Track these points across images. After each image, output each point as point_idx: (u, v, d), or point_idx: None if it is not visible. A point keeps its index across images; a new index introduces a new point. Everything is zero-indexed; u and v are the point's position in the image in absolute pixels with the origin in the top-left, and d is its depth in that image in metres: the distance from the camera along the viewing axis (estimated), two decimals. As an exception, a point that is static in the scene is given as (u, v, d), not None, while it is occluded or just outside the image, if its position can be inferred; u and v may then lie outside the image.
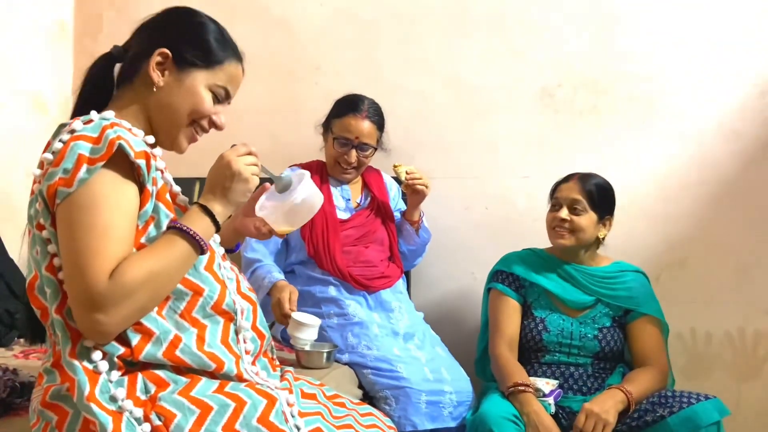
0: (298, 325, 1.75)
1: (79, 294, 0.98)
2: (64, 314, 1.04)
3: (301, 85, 2.53)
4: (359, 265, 2.04)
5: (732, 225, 2.25)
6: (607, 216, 1.95)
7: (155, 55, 1.14)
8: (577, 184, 1.93)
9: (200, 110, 1.17)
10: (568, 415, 1.80)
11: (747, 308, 2.24)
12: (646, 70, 2.30)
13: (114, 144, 1.02)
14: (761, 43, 2.23)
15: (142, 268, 1.00)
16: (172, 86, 1.15)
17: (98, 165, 1.00)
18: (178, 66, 1.16)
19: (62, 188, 1.00)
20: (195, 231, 1.08)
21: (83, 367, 1.02)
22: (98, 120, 1.06)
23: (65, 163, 1.00)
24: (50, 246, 1.04)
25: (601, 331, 1.89)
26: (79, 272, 0.98)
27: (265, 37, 2.55)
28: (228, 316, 1.15)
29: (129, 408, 1.01)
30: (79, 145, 1.01)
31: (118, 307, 0.98)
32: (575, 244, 1.92)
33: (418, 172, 2.07)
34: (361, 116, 2.07)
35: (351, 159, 2.08)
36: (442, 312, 2.39)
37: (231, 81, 1.21)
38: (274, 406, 1.07)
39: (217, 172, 1.16)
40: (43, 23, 2.58)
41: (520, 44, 2.38)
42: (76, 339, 1.03)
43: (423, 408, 1.77)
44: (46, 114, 2.56)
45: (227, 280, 1.18)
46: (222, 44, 1.19)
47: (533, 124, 2.38)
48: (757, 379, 2.24)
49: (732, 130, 2.26)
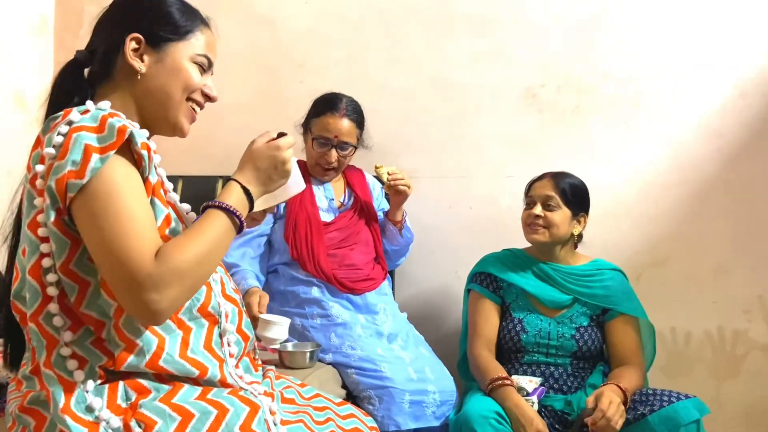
0: (266, 324, 1.75)
1: (125, 279, 0.95)
2: (39, 321, 1.02)
3: (285, 83, 2.51)
4: (344, 269, 2.04)
5: (712, 225, 2.28)
6: (581, 213, 1.97)
7: (128, 42, 1.12)
8: (550, 182, 1.96)
9: (190, 84, 1.16)
10: (550, 414, 1.81)
11: (726, 308, 2.28)
12: (628, 70, 2.32)
13: (125, 132, 1.00)
14: (741, 44, 2.26)
15: (191, 249, 1.00)
16: (155, 68, 1.13)
17: (110, 153, 0.98)
18: (154, 46, 1.14)
19: (73, 180, 0.96)
20: (235, 208, 1.08)
21: (59, 378, 1.00)
22: (95, 110, 1.04)
23: (72, 155, 0.97)
24: (43, 245, 1.01)
25: (578, 330, 1.91)
26: (118, 259, 0.95)
27: (249, 34, 2.53)
28: (213, 319, 1.14)
29: (106, 418, 1.00)
30: (83, 136, 0.98)
31: (171, 288, 0.96)
32: (549, 239, 1.95)
33: (400, 172, 2.06)
34: (339, 115, 2.05)
35: (331, 159, 2.07)
36: (425, 311, 2.40)
37: (208, 47, 1.19)
38: (257, 414, 1.07)
39: (267, 157, 1.16)
40: (23, 19, 2.54)
41: (505, 44, 2.39)
42: (51, 347, 1.02)
43: (406, 407, 1.78)
44: (26, 111, 2.53)
45: (212, 282, 1.17)
46: (187, 13, 1.18)
47: (517, 123, 2.38)
48: (737, 377, 2.27)
49: (713, 130, 2.28)
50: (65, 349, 1.02)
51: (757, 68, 2.25)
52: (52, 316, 1.02)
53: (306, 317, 1.98)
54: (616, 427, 1.62)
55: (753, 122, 2.26)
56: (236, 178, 1.13)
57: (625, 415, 1.65)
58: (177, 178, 2.39)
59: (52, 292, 1.02)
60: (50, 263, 1.01)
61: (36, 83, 2.57)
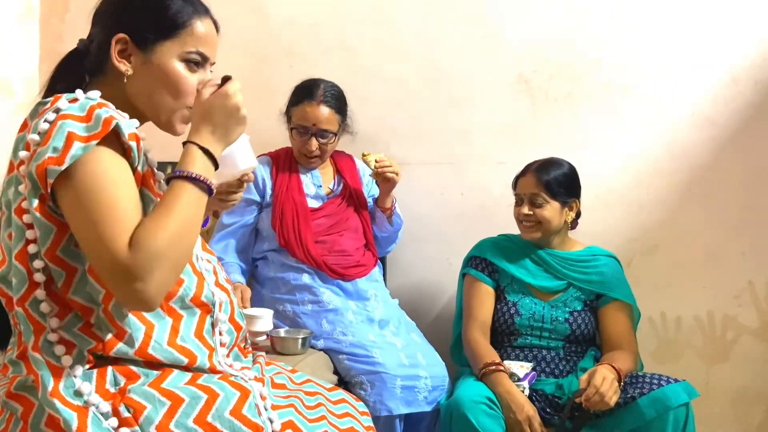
0: (250, 319, 1.76)
1: (109, 269, 0.94)
2: (26, 306, 1.00)
3: (274, 69, 2.49)
4: (334, 255, 2.03)
5: (702, 212, 2.29)
6: (571, 200, 1.96)
7: (113, 43, 1.08)
8: (533, 177, 1.94)
9: (181, 90, 1.10)
10: (541, 398, 1.82)
11: (716, 293, 2.29)
12: (620, 57, 2.31)
13: (110, 123, 0.98)
14: (733, 31, 2.26)
15: (162, 228, 0.96)
16: (143, 70, 1.09)
17: (93, 143, 0.96)
18: (141, 47, 1.08)
19: (52, 167, 0.95)
20: (198, 173, 1.02)
21: (47, 362, 0.99)
22: (84, 99, 1.02)
23: (54, 141, 0.96)
24: (29, 232, 1.00)
25: (572, 314, 1.92)
26: (100, 250, 0.94)
27: (237, 20, 2.49)
28: (206, 308, 1.13)
29: (95, 402, 0.99)
30: (67, 123, 0.97)
31: (153, 273, 0.93)
32: (543, 235, 1.96)
33: (388, 159, 2.04)
34: (316, 102, 2.02)
35: (312, 147, 2.04)
36: (417, 298, 2.39)
37: (203, 42, 1.12)
38: (247, 398, 1.06)
39: (218, 108, 1.08)
40: (9, 5, 2.50)
41: (496, 31, 2.37)
42: (38, 332, 1.01)
43: (398, 393, 1.79)
44: (12, 97, 2.50)
45: (205, 272, 1.16)
46: (180, 4, 1.10)
47: (508, 110, 2.37)
48: (726, 362, 2.29)
49: (704, 117, 2.28)
50: (52, 335, 1.01)
51: (749, 55, 2.25)
52: (39, 302, 1.01)
53: (297, 303, 1.97)
54: (609, 403, 1.63)
55: (745, 110, 2.26)
56: (193, 140, 1.07)
57: (619, 392, 1.66)
58: (167, 164, 2.37)
59: (39, 278, 1.01)
60: (36, 249, 1.00)
61: (22, 70, 2.54)
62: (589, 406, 1.64)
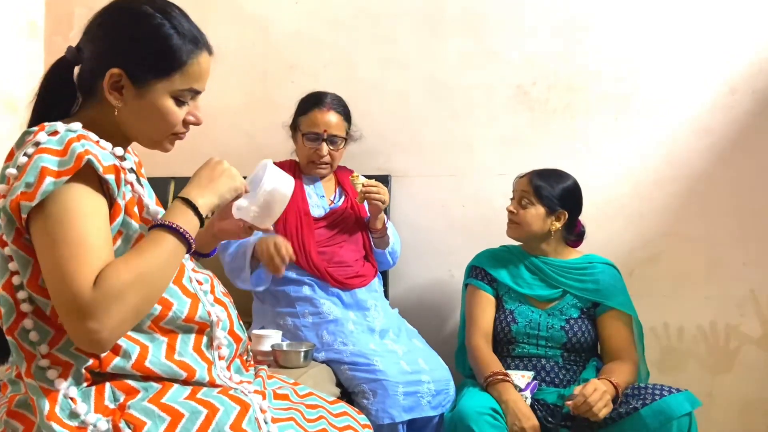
0: (259, 338, 1.80)
1: (66, 306, 0.93)
2: (15, 336, 1.01)
3: (276, 84, 2.51)
4: (334, 265, 2.04)
5: (703, 221, 2.29)
6: (558, 210, 1.97)
7: (107, 76, 1.06)
8: (528, 178, 1.99)
9: (168, 122, 1.12)
10: (543, 407, 1.82)
11: (718, 303, 2.28)
12: (618, 69, 2.33)
13: (83, 159, 0.98)
14: (731, 41, 2.27)
15: (128, 270, 0.96)
16: (134, 104, 1.09)
17: (64, 178, 0.97)
18: (135, 83, 1.08)
19: (24, 202, 0.96)
20: (179, 225, 1.04)
21: (41, 387, 1.00)
22: (64, 132, 1.02)
23: (27, 177, 0.97)
24: (11, 264, 1.01)
25: (568, 322, 1.92)
26: (61, 285, 0.94)
27: (239, 35, 2.53)
28: (202, 325, 1.14)
29: (92, 422, 1.00)
30: (42, 158, 0.97)
31: (109, 313, 0.93)
32: (520, 236, 2.00)
33: (375, 185, 2.03)
34: (325, 109, 2.07)
35: (323, 153, 2.07)
36: (419, 310, 2.39)
37: (197, 78, 1.12)
38: (247, 412, 1.06)
39: (206, 168, 1.16)
40: (13, 23, 2.54)
41: (496, 44, 2.39)
42: (30, 360, 1.02)
43: (401, 400, 1.79)
44: (16, 114, 2.52)
45: (199, 292, 1.16)
46: (180, 44, 1.09)
47: (508, 122, 2.39)
48: (729, 372, 2.28)
49: (703, 127, 2.29)
50: (43, 361, 1.02)
51: (747, 64, 2.26)
52: (28, 332, 1.01)
53: (297, 316, 1.98)
54: (598, 414, 1.63)
55: (743, 118, 2.27)
56: (179, 195, 1.10)
57: (610, 405, 1.66)
58: (169, 179, 2.40)
59: (26, 308, 1.02)
60: (20, 281, 1.01)
61: (27, 87, 2.57)
62: (576, 413, 1.66)
